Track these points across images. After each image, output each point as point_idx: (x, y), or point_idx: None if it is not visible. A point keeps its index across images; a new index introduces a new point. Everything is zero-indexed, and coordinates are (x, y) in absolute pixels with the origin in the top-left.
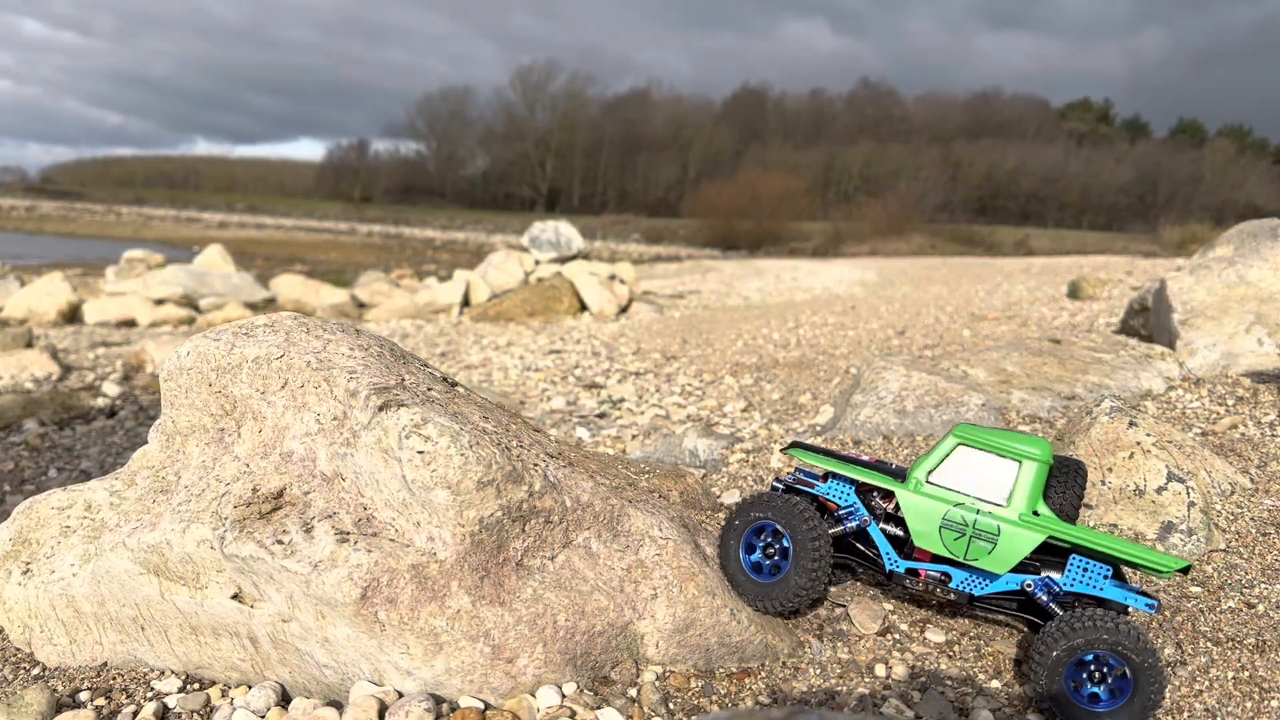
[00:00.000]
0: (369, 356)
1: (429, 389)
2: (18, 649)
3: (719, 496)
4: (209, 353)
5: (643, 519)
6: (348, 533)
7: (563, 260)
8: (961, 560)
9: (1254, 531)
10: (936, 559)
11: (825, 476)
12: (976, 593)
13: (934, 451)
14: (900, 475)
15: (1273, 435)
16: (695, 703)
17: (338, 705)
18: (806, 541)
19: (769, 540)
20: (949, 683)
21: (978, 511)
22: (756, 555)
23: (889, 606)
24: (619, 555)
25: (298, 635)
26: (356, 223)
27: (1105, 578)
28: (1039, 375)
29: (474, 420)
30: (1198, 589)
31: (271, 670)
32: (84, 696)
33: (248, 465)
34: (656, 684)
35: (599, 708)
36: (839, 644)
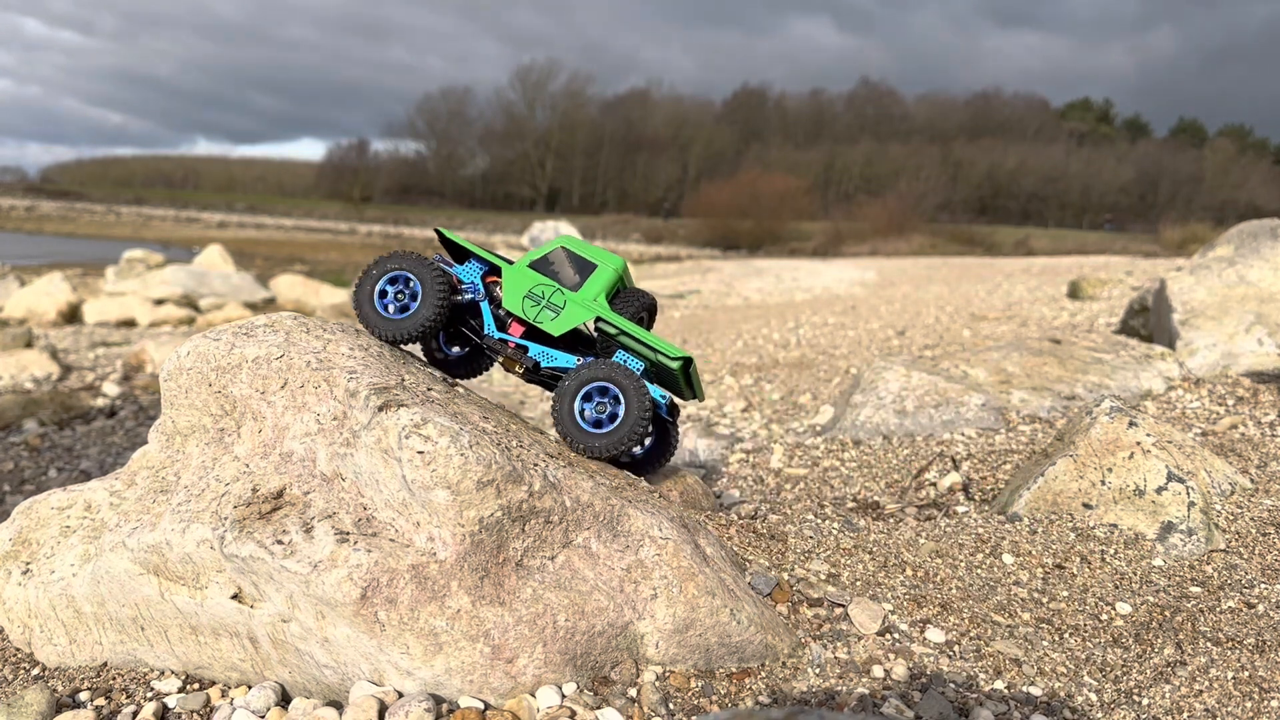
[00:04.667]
0: (369, 356)
1: (429, 389)
2: (18, 649)
3: (719, 496)
4: (209, 353)
5: (643, 519)
6: (348, 533)
7: None
8: (531, 322)
9: (1254, 531)
10: (523, 336)
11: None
12: (544, 364)
13: (540, 249)
14: None
15: (1273, 435)
16: (695, 703)
17: (338, 705)
18: (431, 285)
19: (401, 288)
20: (949, 683)
21: (554, 290)
22: (389, 299)
23: (889, 606)
24: (619, 555)
25: (298, 635)
26: (356, 223)
27: (639, 371)
28: (1039, 375)
29: (474, 420)
30: (1198, 589)
31: (271, 670)
32: (84, 696)
33: (247, 465)
34: (656, 684)
35: (599, 708)
36: (838, 644)
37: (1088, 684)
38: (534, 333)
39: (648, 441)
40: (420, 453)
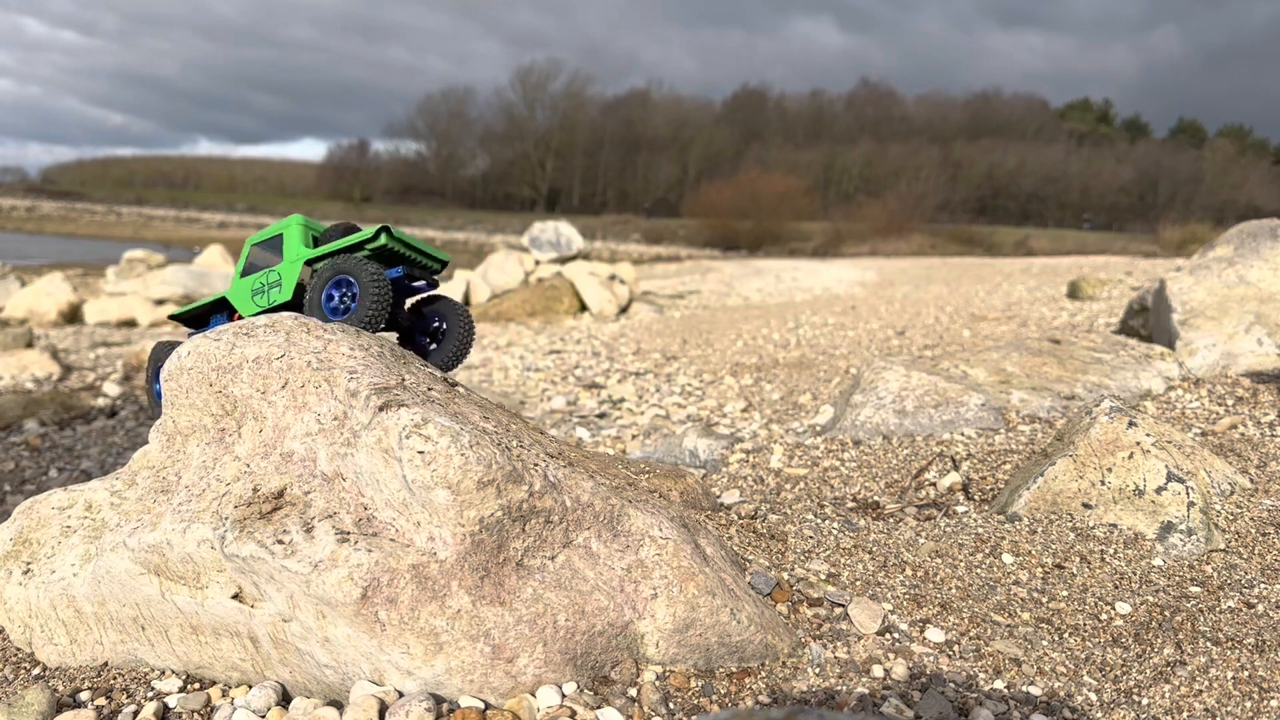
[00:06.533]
0: (369, 356)
1: (429, 389)
2: (18, 649)
3: (719, 496)
4: (209, 353)
5: (643, 519)
6: (348, 533)
7: (563, 260)
8: (270, 307)
9: (1254, 531)
10: None
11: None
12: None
13: (239, 262)
14: None
15: (1272, 435)
16: (695, 702)
17: (338, 705)
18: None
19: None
20: (949, 682)
21: (267, 273)
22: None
23: (888, 606)
24: (619, 555)
25: (298, 635)
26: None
27: None
28: (1039, 375)
29: (474, 420)
30: (1197, 589)
31: (272, 670)
32: (84, 696)
33: (248, 465)
34: (656, 684)
35: (599, 707)
36: (838, 644)
37: (1087, 684)
38: None
39: (442, 339)
40: (421, 453)
